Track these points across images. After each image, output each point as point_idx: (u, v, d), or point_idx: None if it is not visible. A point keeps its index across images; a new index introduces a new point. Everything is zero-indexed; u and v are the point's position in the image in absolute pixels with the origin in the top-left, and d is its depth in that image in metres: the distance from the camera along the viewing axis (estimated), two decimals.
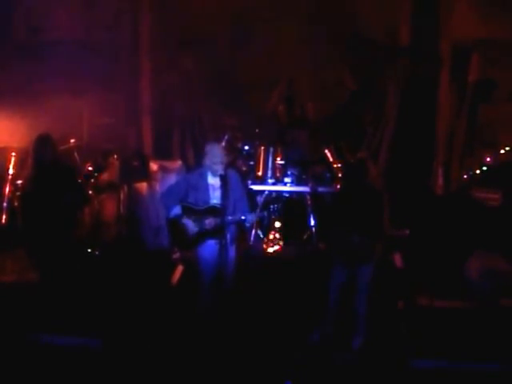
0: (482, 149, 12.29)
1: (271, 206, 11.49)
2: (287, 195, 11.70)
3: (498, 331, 8.09)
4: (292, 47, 12.93)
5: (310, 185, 11.22)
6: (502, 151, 11.96)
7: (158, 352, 7.74)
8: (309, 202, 11.26)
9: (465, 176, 12.03)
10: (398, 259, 9.26)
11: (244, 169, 11.65)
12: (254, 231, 10.81)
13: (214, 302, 7.90)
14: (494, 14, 12.16)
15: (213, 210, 7.79)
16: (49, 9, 12.83)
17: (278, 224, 10.71)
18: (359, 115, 13.00)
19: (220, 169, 7.83)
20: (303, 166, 11.71)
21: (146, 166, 11.23)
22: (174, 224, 7.99)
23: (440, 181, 12.26)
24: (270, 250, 10.52)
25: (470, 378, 7.32)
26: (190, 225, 7.89)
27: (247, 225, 8.19)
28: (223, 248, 7.56)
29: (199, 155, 8.65)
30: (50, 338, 7.83)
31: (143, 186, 11.21)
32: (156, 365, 7.49)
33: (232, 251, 7.89)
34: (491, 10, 12.18)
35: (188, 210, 7.88)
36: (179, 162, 12.11)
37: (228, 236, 7.70)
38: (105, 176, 11.16)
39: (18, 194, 9.98)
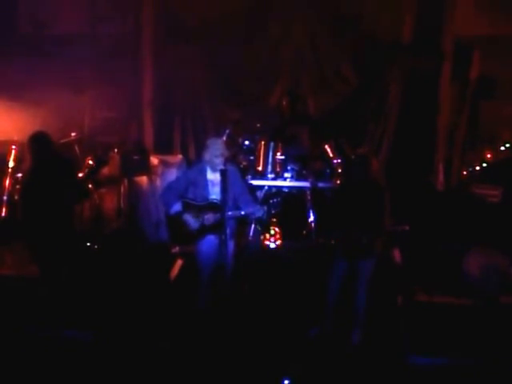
0: (482, 145, 12.29)
1: (271, 201, 11.50)
2: (287, 190, 11.70)
3: (497, 328, 8.09)
4: (294, 42, 12.92)
5: (309, 180, 11.24)
6: (503, 148, 11.96)
7: (156, 346, 7.76)
8: (308, 198, 11.26)
9: (465, 172, 12.03)
10: (397, 255, 9.28)
11: (244, 163, 11.65)
12: (253, 226, 10.82)
13: (213, 296, 7.91)
14: (496, 10, 12.13)
15: (212, 206, 7.79)
16: (52, 3, 12.86)
17: (277, 219, 10.72)
18: (360, 111, 12.98)
19: (220, 163, 7.82)
20: (303, 161, 11.70)
21: (146, 159, 11.23)
22: (175, 220, 7.99)
23: (440, 177, 12.25)
24: (269, 244, 10.52)
25: (468, 374, 7.32)
26: (191, 221, 7.89)
27: (258, 215, 8.17)
28: (223, 243, 7.54)
29: (200, 150, 8.63)
30: (48, 331, 7.84)
31: (143, 180, 11.21)
32: (154, 359, 7.51)
33: (230, 246, 7.89)
34: (494, 6, 12.15)
35: (188, 206, 7.88)
36: (180, 157, 12.12)
37: (227, 231, 7.66)
38: (105, 170, 11.16)
39: (18, 187, 9.99)
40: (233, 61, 12.78)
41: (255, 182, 11.39)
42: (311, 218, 11.06)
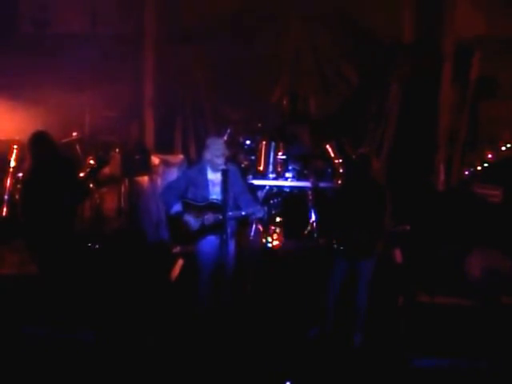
0: (483, 145, 12.28)
1: (271, 202, 11.50)
2: (288, 190, 11.70)
3: (498, 329, 8.08)
4: (294, 42, 12.92)
5: (311, 180, 11.25)
6: (504, 148, 11.95)
7: (157, 346, 7.76)
8: (310, 197, 11.26)
9: (466, 172, 12.03)
10: (398, 255, 9.28)
11: (245, 163, 11.66)
12: (254, 226, 10.81)
13: (214, 296, 7.90)
14: (496, 11, 12.16)
15: (212, 206, 7.77)
16: (54, 3, 12.86)
17: (278, 219, 10.72)
18: (361, 111, 12.99)
19: (221, 162, 7.79)
20: (304, 161, 11.72)
21: (147, 159, 11.22)
22: (175, 220, 7.97)
23: (441, 177, 12.27)
24: (271, 244, 10.52)
25: (469, 375, 7.32)
26: (192, 221, 7.87)
27: (259, 216, 8.15)
28: (224, 243, 7.53)
29: (201, 149, 8.62)
30: (48, 331, 7.83)
31: (144, 179, 11.22)
32: (155, 359, 7.51)
33: (231, 246, 7.87)
34: (494, 7, 12.19)
35: (188, 206, 7.87)
36: (181, 156, 12.15)
37: (228, 231, 7.62)
38: (106, 169, 11.16)
39: (19, 186, 9.97)
40: (233, 61, 12.78)
41: (256, 182, 11.39)
42: (312, 218, 11.06)
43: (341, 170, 11.33)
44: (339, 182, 11.07)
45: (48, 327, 7.92)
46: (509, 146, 11.98)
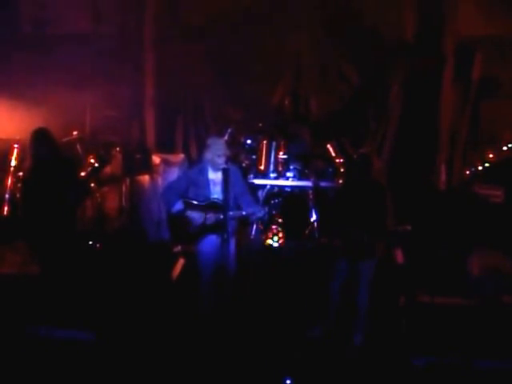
0: (484, 145, 12.27)
1: (272, 202, 11.49)
2: (289, 190, 11.70)
3: (498, 329, 8.08)
4: (296, 42, 12.92)
5: (312, 179, 11.24)
6: (505, 148, 11.94)
7: (158, 346, 7.76)
8: (311, 197, 11.26)
9: (467, 172, 12.02)
10: (399, 255, 9.27)
11: (246, 162, 11.65)
12: (255, 225, 10.81)
13: (215, 295, 7.89)
14: (498, 11, 12.14)
15: (213, 206, 7.76)
16: (54, 2, 12.87)
17: (279, 218, 10.72)
18: (362, 111, 12.98)
19: (222, 162, 7.78)
20: (305, 160, 11.72)
21: (148, 158, 11.23)
22: (177, 218, 7.96)
23: (442, 177, 12.26)
24: (271, 244, 10.51)
25: (470, 375, 7.32)
26: (196, 216, 7.84)
27: (259, 215, 8.12)
28: (225, 243, 7.51)
29: (202, 149, 8.61)
30: (48, 331, 7.83)
31: (145, 178, 11.23)
32: (155, 359, 7.50)
33: (232, 245, 7.86)
34: (495, 7, 12.16)
35: (189, 206, 7.85)
36: (182, 156, 12.13)
37: (229, 230, 7.62)
38: (107, 169, 11.16)
39: (19, 185, 9.98)
40: (234, 60, 12.78)
41: (257, 182, 11.39)
42: (313, 218, 11.05)
43: (342, 170, 11.33)
44: (340, 181, 11.05)
45: (48, 327, 7.91)
46: (510, 145, 11.97)
